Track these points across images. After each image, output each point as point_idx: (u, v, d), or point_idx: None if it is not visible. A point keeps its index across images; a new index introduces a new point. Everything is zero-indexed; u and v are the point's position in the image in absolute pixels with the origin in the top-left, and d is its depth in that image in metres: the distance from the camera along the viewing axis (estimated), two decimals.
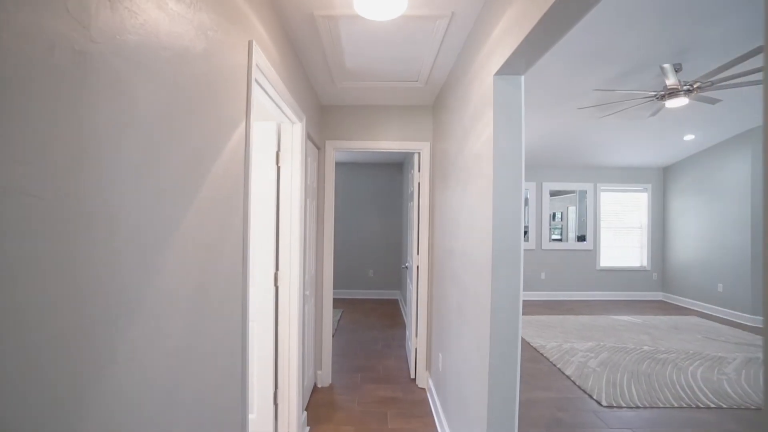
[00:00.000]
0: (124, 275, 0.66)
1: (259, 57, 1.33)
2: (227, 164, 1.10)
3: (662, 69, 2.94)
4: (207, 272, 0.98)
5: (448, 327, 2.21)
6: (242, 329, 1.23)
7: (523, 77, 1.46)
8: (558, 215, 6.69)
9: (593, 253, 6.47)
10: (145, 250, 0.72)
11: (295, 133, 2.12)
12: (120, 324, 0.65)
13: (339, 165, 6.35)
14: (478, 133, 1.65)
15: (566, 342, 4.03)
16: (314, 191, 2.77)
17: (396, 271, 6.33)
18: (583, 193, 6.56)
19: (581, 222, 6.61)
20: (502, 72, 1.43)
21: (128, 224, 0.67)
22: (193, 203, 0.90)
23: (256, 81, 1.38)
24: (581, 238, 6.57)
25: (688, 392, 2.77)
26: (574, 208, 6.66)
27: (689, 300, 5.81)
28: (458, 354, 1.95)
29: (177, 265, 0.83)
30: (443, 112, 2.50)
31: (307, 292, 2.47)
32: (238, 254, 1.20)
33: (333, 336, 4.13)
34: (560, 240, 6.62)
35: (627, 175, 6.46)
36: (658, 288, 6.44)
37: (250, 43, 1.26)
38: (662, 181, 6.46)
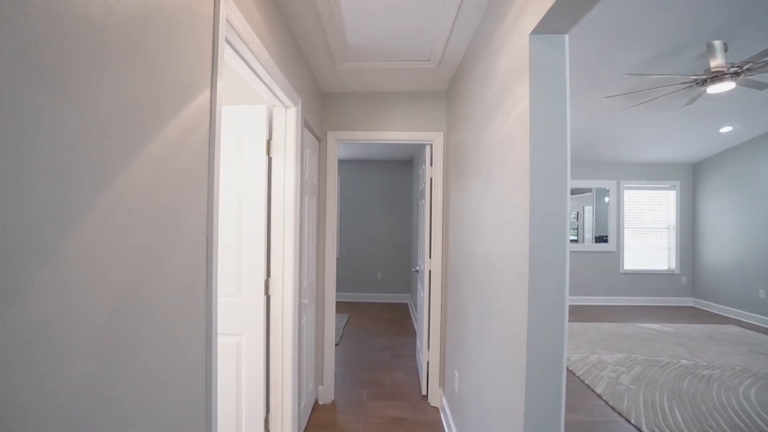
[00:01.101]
0: None
1: (232, 12, 1.06)
2: (178, 143, 0.82)
3: (709, 47, 2.58)
4: (140, 289, 0.70)
5: (467, 343, 1.90)
6: (207, 356, 0.95)
7: (567, 36, 1.15)
8: (573, 215, 6.30)
9: (616, 255, 6.06)
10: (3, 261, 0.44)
11: (289, 118, 1.84)
12: None
13: (344, 162, 6.08)
14: (506, 111, 1.34)
15: (593, 353, 3.67)
16: (314, 187, 2.49)
17: (406, 274, 6.02)
18: (601, 192, 6.15)
19: (599, 222, 6.20)
20: (540, 30, 1.13)
21: None
22: (108, 194, 0.62)
23: (229, 43, 1.10)
24: (599, 239, 6.15)
25: (745, 419, 2.40)
26: (590, 207, 6.27)
27: (724, 307, 5.35)
28: (480, 376, 1.64)
29: (71, 286, 0.55)
30: (459, 96, 2.20)
31: (305, 301, 2.19)
32: (199, 261, 0.92)
33: (337, 344, 3.85)
34: (576, 241, 6.23)
35: (653, 172, 6.03)
36: (688, 293, 5.99)
37: None
38: (692, 178, 6.01)
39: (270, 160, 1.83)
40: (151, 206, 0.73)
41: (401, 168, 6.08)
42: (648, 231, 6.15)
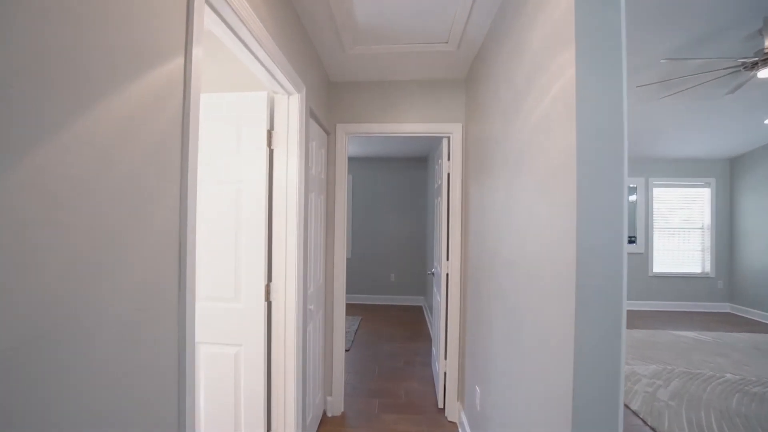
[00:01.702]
0: None
1: None
2: (132, 120, 0.65)
3: (766, 22, 2.28)
4: (72, 310, 0.53)
5: (491, 355, 1.69)
6: (179, 399, 0.78)
7: None
8: None
9: (645, 257, 5.68)
10: None
11: (292, 106, 1.67)
12: None
13: (356, 159, 5.91)
14: (541, 90, 1.13)
15: (624, 363, 3.37)
16: (322, 184, 2.32)
17: (420, 276, 5.81)
18: (627, 190, 5.78)
19: None
20: None
21: None
22: (13, 180, 0.45)
23: (211, 5, 0.93)
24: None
25: None
26: None
27: (767, 314, 4.93)
28: (507, 395, 1.43)
29: None
30: (481, 82, 1.99)
31: (312, 307, 2.02)
32: (168, 268, 0.74)
33: (348, 350, 3.68)
34: None
35: (686, 168, 5.63)
36: (725, 298, 5.56)
37: None
38: (729, 174, 5.58)
39: (271, 152, 1.66)
40: (94, 199, 0.56)
41: (416, 165, 5.87)
42: (679, 231, 5.75)
